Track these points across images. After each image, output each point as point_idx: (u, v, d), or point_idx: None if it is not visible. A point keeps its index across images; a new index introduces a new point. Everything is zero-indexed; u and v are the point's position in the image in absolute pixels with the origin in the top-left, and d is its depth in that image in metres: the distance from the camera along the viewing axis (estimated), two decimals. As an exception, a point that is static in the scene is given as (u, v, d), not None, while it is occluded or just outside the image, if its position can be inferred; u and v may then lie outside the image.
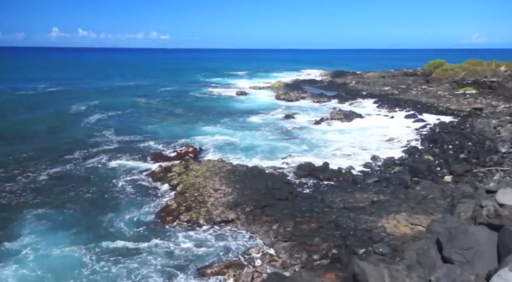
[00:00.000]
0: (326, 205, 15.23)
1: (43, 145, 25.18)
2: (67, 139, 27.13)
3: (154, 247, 13.14)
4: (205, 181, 17.94)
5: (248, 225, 14.26)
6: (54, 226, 14.29)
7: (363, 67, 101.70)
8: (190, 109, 41.38)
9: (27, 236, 13.39)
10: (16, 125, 31.27)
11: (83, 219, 15.01)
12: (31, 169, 20.43)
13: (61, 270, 11.51)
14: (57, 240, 13.21)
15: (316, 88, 59.90)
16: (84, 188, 18.10)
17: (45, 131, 29.68)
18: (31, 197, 16.87)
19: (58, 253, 12.42)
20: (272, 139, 27.73)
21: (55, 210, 15.65)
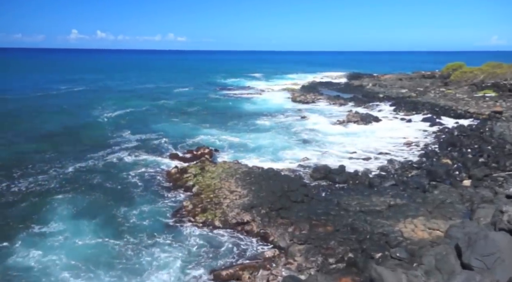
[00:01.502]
0: (342, 208, 15.14)
1: (68, 142, 26.66)
2: (89, 137, 28.37)
3: (169, 246, 13.32)
4: (221, 183, 18.05)
5: (263, 227, 14.27)
6: (78, 214, 15.48)
7: (380, 70, 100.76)
8: (206, 110, 41.74)
9: (55, 222, 14.66)
10: (42, 124, 32.73)
11: (103, 210, 15.91)
12: (58, 163, 21.91)
13: (82, 255, 12.45)
14: (80, 227, 14.31)
15: (332, 91, 59.59)
16: (105, 182, 19.16)
17: (69, 129, 31.01)
18: (59, 188, 18.35)
19: (80, 240, 13.45)
20: (288, 141, 27.70)
21: (79, 200, 16.87)
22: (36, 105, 42.28)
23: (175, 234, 14.23)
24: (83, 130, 30.66)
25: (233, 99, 52.52)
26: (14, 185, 18.48)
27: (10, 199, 16.91)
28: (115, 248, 13.10)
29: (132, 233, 14.10)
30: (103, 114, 38.07)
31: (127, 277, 11.56)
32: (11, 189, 18.08)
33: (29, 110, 39.36)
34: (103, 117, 36.76)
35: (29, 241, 13.20)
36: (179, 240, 13.79)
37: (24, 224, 14.36)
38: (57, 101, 46.58)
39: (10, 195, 17.35)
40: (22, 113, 37.25)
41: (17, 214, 15.37)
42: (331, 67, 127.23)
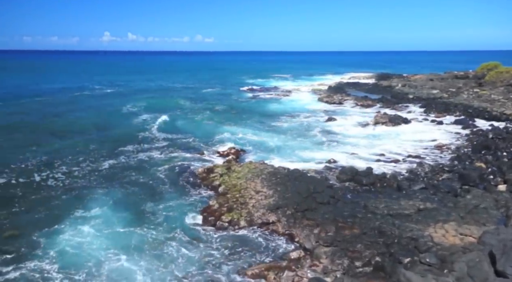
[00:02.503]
0: (369, 211, 14.88)
1: (103, 139, 28.34)
2: (121, 134, 29.89)
3: (195, 243, 13.55)
4: (247, 183, 18.13)
5: (289, 228, 14.24)
6: (113, 205, 16.60)
7: (410, 70, 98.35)
8: (232, 110, 42.10)
9: (94, 211, 15.95)
10: (78, 122, 34.85)
11: (134, 204, 16.94)
12: (95, 158, 23.56)
13: (116, 241, 13.54)
14: (114, 217, 15.42)
15: (360, 91, 58.60)
16: (136, 177, 20.28)
17: (103, 127, 32.79)
18: (97, 180, 19.90)
19: (114, 227, 14.57)
20: (314, 142, 27.50)
21: (114, 193, 18.11)
22: (72, 105, 44.77)
23: (201, 232, 14.47)
24: (115, 128, 32.41)
25: (260, 99, 52.69)
26: (57, 177, 20.18)
27: (55, 190, 18.53)
28: (144, 239, 13.83)
29: (160, 228, 14.73)
30: (133, 114, 39.77)
31: (155, 265, 12.20)
32: (55, 180, 19.77)
33: (66, 109, 41.60)
34: (134, 116, 38.39)
35: (73, 225, 14.66)
36: (204, 238, 14.01)
37: (69, 211, 15.86)
38: (91, 101, 49.09)
39: (54, 186, 18.99)
40: (60, 113, 39.54)
41: (62, 203, 16.93)
42: (359, 67, 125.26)
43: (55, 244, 13.24)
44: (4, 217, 15.38)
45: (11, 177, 19.83)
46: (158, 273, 11.84)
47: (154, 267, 12.13)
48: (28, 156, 23.45)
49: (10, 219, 15.32)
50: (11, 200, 17.02)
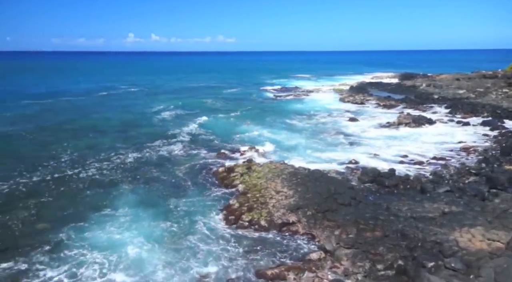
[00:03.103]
0: (391, 213, 14.58)
1: (128, 137, 29.50)
2: (145, 132, 31.20)
3: (215, 243, 13.60)
4: (267, 183, 18.11)
5: (309, 228, 14.13)
6: (137, 201, 17.28)
7: (435, 69, 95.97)
8: (253, 110, 42.20)
9: (120, 206, 16.59)
10: (105, 119, 36.65)
11: (157, 200, 17.52)
12: (121, 155, 24.53)
13: (141, 235, 13.99)
14: (139, 212, 16.01)
15: (383, 91, 57.56)
16: (159, 174, 21.00)
17: (127, 124, 34.30)
18: (121, 177, 20.68)
19: (139, 222, 15.06)
20: (335, 143, 27.21)
21: (138, 188, 18.95)
22: (99, 104, 46.67)
23: (221, 230, 14.54)
24: (140, 127, 33.52)
25: (281, 99, 52.59)
26: (85, 172, 21.22)
27: (82, 184, 19.43)
28: (165, 234, 14.23)
29: (181, 224, 15.04)
30: (157, 113, 40.79)
31: (175, 259, 12.52)
32: (83, 175, 20.80)
33: (93, 108, 43.38)
34: (157, 115, 39.39)
35: (101, 218, 15.39)
36: (224, 236, 14.07)
37: (96, 206, 16.60)
38: (117, 100, 50.76)
39: (82, 181, 19.90)
40: (88, 111, 41.19)
41: (91, 197, 17.76)
42: (382, 67, 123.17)
43: (83, 236, 13.90)
44: (38, 211, 16.19)
45: (45, 173, 20.79)
46: (178, 266, 12.11)
47: (174, 260, 12.45)
48: (61, 152, 24.68)
49: (44, 212, 16.13)
50: (46, 194, 17.96)
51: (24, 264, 12.15)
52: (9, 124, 33.25)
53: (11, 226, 14.77)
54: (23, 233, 14.28)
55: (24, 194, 17.98)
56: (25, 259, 12.37)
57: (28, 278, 11.50)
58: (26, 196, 17.70)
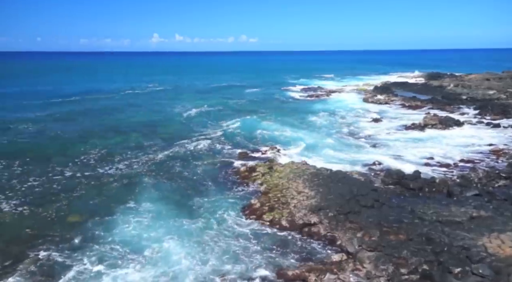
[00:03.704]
0: (416, 217, 14.23)
1: (153, 135, 30.35)
2: (170, 130, 32.07)
3: (236, 242, 13.67)
4: (288, 183, 18.03)
5: (331, 230, 13.97)
6: (161, 196, 17.91)
7: (463, 69, 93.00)
8: (276, 110, 42.08)
9: (144, 200, 17.19)
10: (133, 117, 37.83)
11: (180, 196, 18.09)
12: (147, 150, 25.66)
13: (163, 229, 14.50)
14: (162, 207, 16.50)
15: (408, 92, 56.19)
16: (183, 171, 21.55)
17: (154, 122, 35.30)
18: (147, 171, 21.53)
19: (162, 217, 15.57)
20: (358, 143, 26.82)
21: (163, 184, 19.58)
22: (126, 103, 48.15)
23: (242, 229, 14.58)
24: (165, 125, 34.45)
25: (303, 99, 52.31)
26: (113, 168, 22.12)
27: (110, 179, 20.23)
28: (187, 229, 14.54)
29: (202, 221, 15.32)
30: (181, 111, 41.74)
31: (196, 254, 12.78)
32: (111, 171, 21.65)
33: (121, 107, 44.85)
34: (182, 113, 40.35)
35: (127, 212, 16.00)
36: (245, 235, 14.12)
37: (123, 200, 17.27)
38: (143, 99, 52.26)
39: (110, 176, 20.71)
40: (115, 110, 42.68)
41: (119, 192, 18.47)
42: (408, 66, 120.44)
43: (110, 229, 14.51)
44: (70, 204, 17.04)
45: (76, 169, 21.80)
46: (198, 263, 12.32)
47: (195, 257, 12.67)
48: (90, 149, 25.75)
49: (75, 206, 16.95)
50: (77, 189, 18.87)
51: (57, 254, 12.85)
52: (42, 122, 34.61)
53: (46, 218, 15.60)
54: (56, 225, 15.04)
55: (57, 189, 18.84)
56: (58, 250, 13.07)
57: (59, 267, 12.08)
58: (58, 190, 18.60)
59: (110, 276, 11.67)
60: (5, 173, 20.81)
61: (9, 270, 11.91)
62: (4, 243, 13.55)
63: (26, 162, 22.61)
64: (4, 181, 19.56)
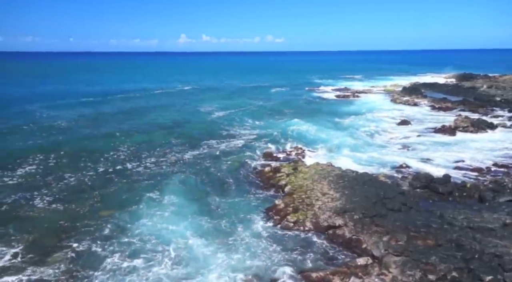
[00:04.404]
0: (445, 222, 13.82)
1: (182, 132, 31.28)
2: (197, 130, 32.51)
3: (259, 242, 13.69)
4: (313, 184, 17.90)
5: (356, 233, 13.77)
6: (186, 192, 18.34)
7: (498, 70, 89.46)
8: (301, 110, 41.92)
9: (169, 195, 17.70)
10: (160, 117, 38.42)
11: (205, 193, 18.48)
12: (174, 149, 26.30)
13: (185, 224, 14.95)
14: (185, 203, 16.99)
15: (438, 93, 54.62)
16: (209, 170, 21.92)
17: (182, 123, 35.88)
18: (173, 169, 22.10)
19: (184, 212, 16.03)
20: (385, 146, 26.30)
21: (188, 181, 20.00)
22: (155, 101, 49.64)
23: (266, 230, 14.60)
24: (192, 124, 35.23)
25: (329, 100, 51.82)
26: (142, 165, 22.86)
27: (138, 176, 20.95)
28: (210, 227, 14.80)
29: (226, 219, 15.53)
30: (208, 110, 42.50)
31: (219, 251, 12.96)
32: (140, 168, 22.32)
33: (151, 105, 46.23)
34: (208, 113, 41.02)
35: (153, 208, 16.42)
36: (269, 236, 14.13)
37: (150, 197, 17.80)
38: (171, 98, 53.41)
39: (139, 173, 21.43)
40: (146, 108, 44.03)
41: (144, 188, 19.00)
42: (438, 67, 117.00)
43: (138, 224, 15.03)
44: (101, 199, 17.74)
45: (107, 165, 22.62)
46: (221, 258, 12.54)
47: (219, 252, 12.89)
48: (120, 146, 26.67)
49: (106, 201, 17.64)
50: (109, 184, 19.67)
51: (89, 246, 13.45)
52: (74, 120, 35.96)
53: (78, 212, 16.29)
54: (87, 218, 15.67)
55: (89, 184, 19.63)
56: (90, 242, 13.78)
57: (91, 258, 12.66)
58: (90, 186, 19.38)
59: (139, 269, 12.06)
60: (40, 168, 21.74)
61: (43, 261, 12.48)
62: (39, 235, 14.21)
63: (60, 158, 23.60)
64: (39, 177, 20.42)
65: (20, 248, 13.19)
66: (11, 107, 42.70)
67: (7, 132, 30.25)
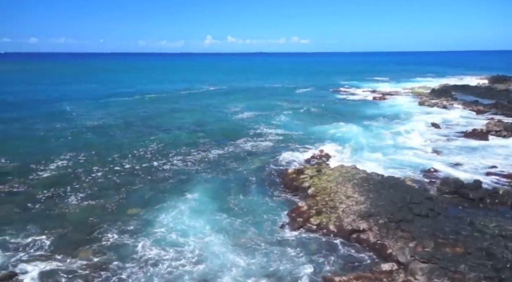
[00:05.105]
0: (476, 229, 13.32)
1: (208, 132, 31.78)
2: (223, 129, 32.88)
3: (281, 244, 13.63)
4: (337, 187, 17.67)
5: (381, 238, 13.47)
6: (211, 191, 18.62)
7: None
8: (326, 112, 41.55)
9: (195, 194, 18.17)
10: (187, 117, 38.98)
11: (229, 192, 18.68)
12: (199, 148, 26.76)
13: (210, 222, 15.23)
14: (210, 202, 17.29)
15: (470, 95, 52.77)
16: (231, 170, 22.08)
17: (209, 122, 36.36)
18: (198, 168, 22.52)
19: (209, 211, 16.33)
20: (412, 149, 25.60)
21: (214, 180, 20.42)
22: (182, 101, 50.68)
23: (288, 232, 14.52)
24: (217, 124, 35.56)
25: (355, 101, 51.05)
26: (168, 163, 23.39)
27: (165, 174, 21.45)
28: (231, 226, 14.97)
29: (247, 219, 15.63)
30: (234, 111, 42.94)
31: (242, 254, 12.91)
32: (166, 166, 22.85)
33: (178, 105, 47.13)
34: (234, 113, 41.51)
35: (177, 206, 16.80)
36: (291, 238, 14.03)
37: (175, 195, 18.18)
38: (197, 98, 54.27)
39: (165, 171, 21.98)
40: (173, 108, 44.83)
41: (170, 186, 19.52)
42: (469, 68, 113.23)
43: (163, 220, 15.41)
44: (129, 196, 18.27)
45: (134, 162, 23.28)
46: (241, 258, 12.56)
47: (239, 252, 12.94)
48: (147, 144, 27.37)
49: (133, 197, 18.15)
50: (136, 181, 20.16)
51: (116, 240, 13.86)
52: (103, 118, 37.14)
53: (107, 209, 16.78)
54: (116, 214, 16.15)
55: (117, 180, 20.23)
56: (117, 236, 14.12)
57: (119, 251, 13.07)
58: (118, 182, 19.97)
59: (163, 263, 12.39)
60: (71, 165, 22.47)
61: (73, 253, 12.99)
62: (70, 229, 14.77)
63: (90, 156, 24.35)
64: (71, 173, 21.11)
65: (52, 240, 13.81)
66: (44, 106, 44.64)
67: (41, 131, 31.51)
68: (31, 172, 20.94)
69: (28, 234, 14.20)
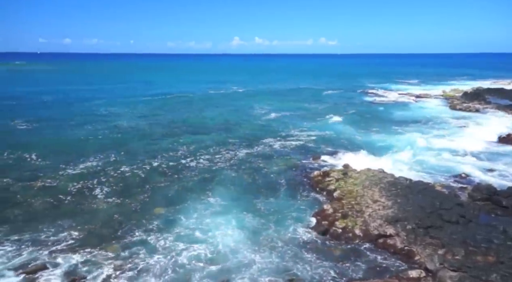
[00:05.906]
0: (509, 238, 12.81)
1: (235, 133, 32.03)
2: (251, 131, 33.10)
3: (305, 247, 13.57)
4: (364, 190, 17.43)
5: (408, 244, 13.19)
6: (235, 192, 18.82)
7: None
8: (354, 115, 40.98)
9: (218, 194, 18.29)
10: (215, 117, 39.43)
11: (254, 193, 18.73)
12: (226, 148, 26.89)
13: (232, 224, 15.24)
14: (234, 202, 17.36)
15: (504, 99, 50.65)
16: (260, 170, 22.14)
17: (237, 123, 36.61)
18: (224, 168, 22.63)
19: (232, 212, 16.32)
20: (443, 153, 24.87)
21: (239, 180, 20.60)
22: (211, 102, 51.43)
23: (312, 235, 14.42)
24: (245, 125, 35.83)
25: (384, 104, 50.01)
26: (195, 161, 23.77)
27: (192, 173, 21.73)
28: (255, 227, 15.01)
29: (271, 220, 15.68)
30: (261, 112, 43.20)
31: (264, 255, 12.93)
32: (193, 164, 23.25)
33: (206, 105, 47.91)
34: (262, 114, 41.76)
35: (201, 205, 17.17)
36: (315, 241, 13.95)
37: (201, 195, 18.44)
38: (226, 99, 54.82)
39: (191, 170, 22.27)
40: (201, 108, 45.75)
41: (196, 185, 19.76)
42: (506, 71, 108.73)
43: (188, 218, 15.82)
44: (155, 194, 18.66)
45: (162, 161, 23.81)
46: (264, 259, 12.63)
47: (262, 252, 13.01)
48: (175, 144, 27.97)
49: (159, 195, 18.53)
50: (162, 180, 20.57)
51: (140, 237, 14.23)
52: (133, 118, 38.17)
53: (133, 206, 17.23)
54: (141, 212, 16.59)
55: (144, 178, 20.79)
56: (141, 233, 14.58)
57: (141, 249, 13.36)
58: (145, 180, 20.51)
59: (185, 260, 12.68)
60: (100, 162, 23.20)
61: (100, 247, 13.45)
62: (100, 224, 15.30)
63: (119, 154, 25.06)
64: (100, 171, 21.78)
65: (82, 234, 14.40)
66: (77, 105, 46.46)
67: (73, 128, 32.78)
68: (63, 169, 21.79)
69: (59, 228, 14.81)
